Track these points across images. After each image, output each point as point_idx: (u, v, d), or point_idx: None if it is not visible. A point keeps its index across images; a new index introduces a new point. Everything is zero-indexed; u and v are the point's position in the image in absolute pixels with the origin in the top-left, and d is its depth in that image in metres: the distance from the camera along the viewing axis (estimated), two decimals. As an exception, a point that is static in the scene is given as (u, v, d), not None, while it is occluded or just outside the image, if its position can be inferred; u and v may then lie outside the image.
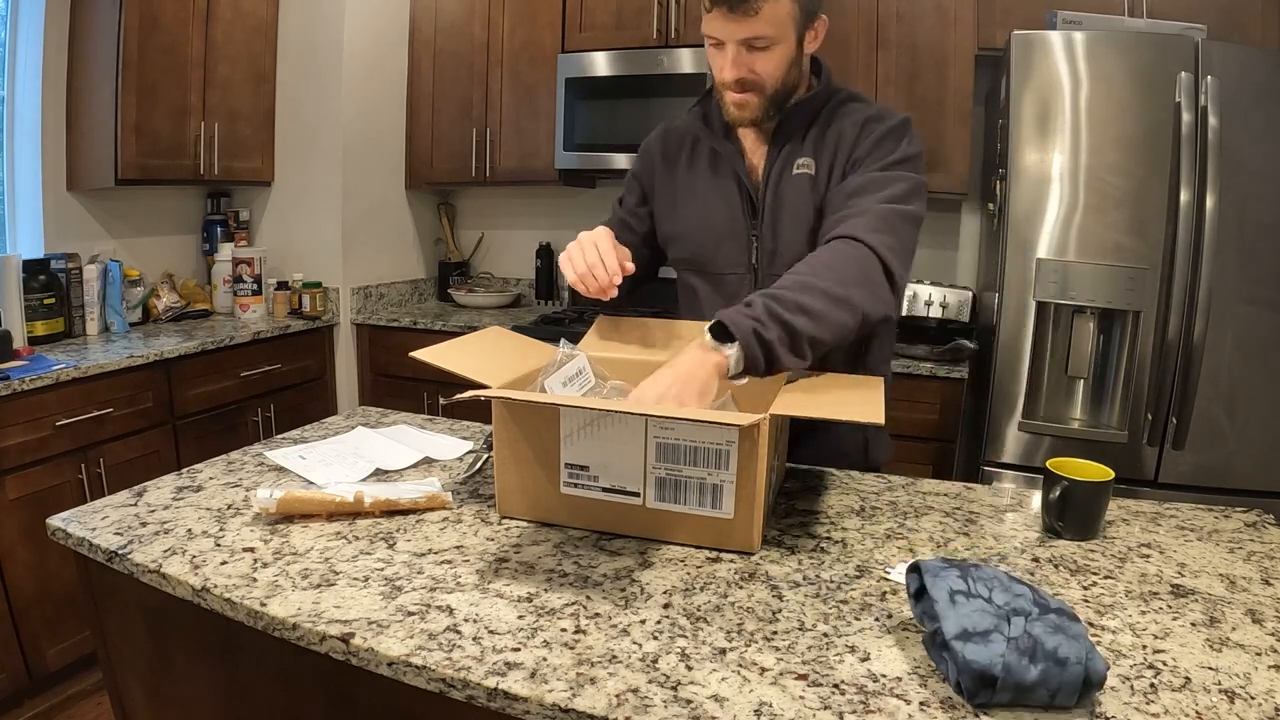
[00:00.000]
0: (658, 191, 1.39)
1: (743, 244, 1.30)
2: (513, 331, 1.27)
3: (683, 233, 1.36)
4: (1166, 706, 0.69)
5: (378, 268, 3.25)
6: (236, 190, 3.16)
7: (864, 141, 1.21)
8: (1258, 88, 1.93)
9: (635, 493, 0.98)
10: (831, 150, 1.24)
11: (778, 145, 1.27)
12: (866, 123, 1.23)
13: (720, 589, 0.89)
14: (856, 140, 1.22)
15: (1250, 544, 1.04)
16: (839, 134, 1.24)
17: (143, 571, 0.92)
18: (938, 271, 2.86)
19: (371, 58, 3.07)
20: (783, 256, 1.26)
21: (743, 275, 1.31)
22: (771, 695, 0.70)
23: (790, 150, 1.26)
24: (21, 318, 2.26)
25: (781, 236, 1.27)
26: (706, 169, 1.33)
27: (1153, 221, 1.99)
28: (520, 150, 3.08)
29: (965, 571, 0.75)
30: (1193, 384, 1.99)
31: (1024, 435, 2.14)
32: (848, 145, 1.23)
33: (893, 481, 1.25)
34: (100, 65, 2.49)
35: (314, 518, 1.05)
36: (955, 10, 2.48)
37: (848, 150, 1.22)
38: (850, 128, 1.24)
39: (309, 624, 0.80)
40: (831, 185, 1.23)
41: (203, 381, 2.50)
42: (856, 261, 1.09)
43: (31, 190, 2.54)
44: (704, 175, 1.33)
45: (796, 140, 1.26)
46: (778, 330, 1.00)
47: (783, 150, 1.27)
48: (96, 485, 2.16)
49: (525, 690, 0.70)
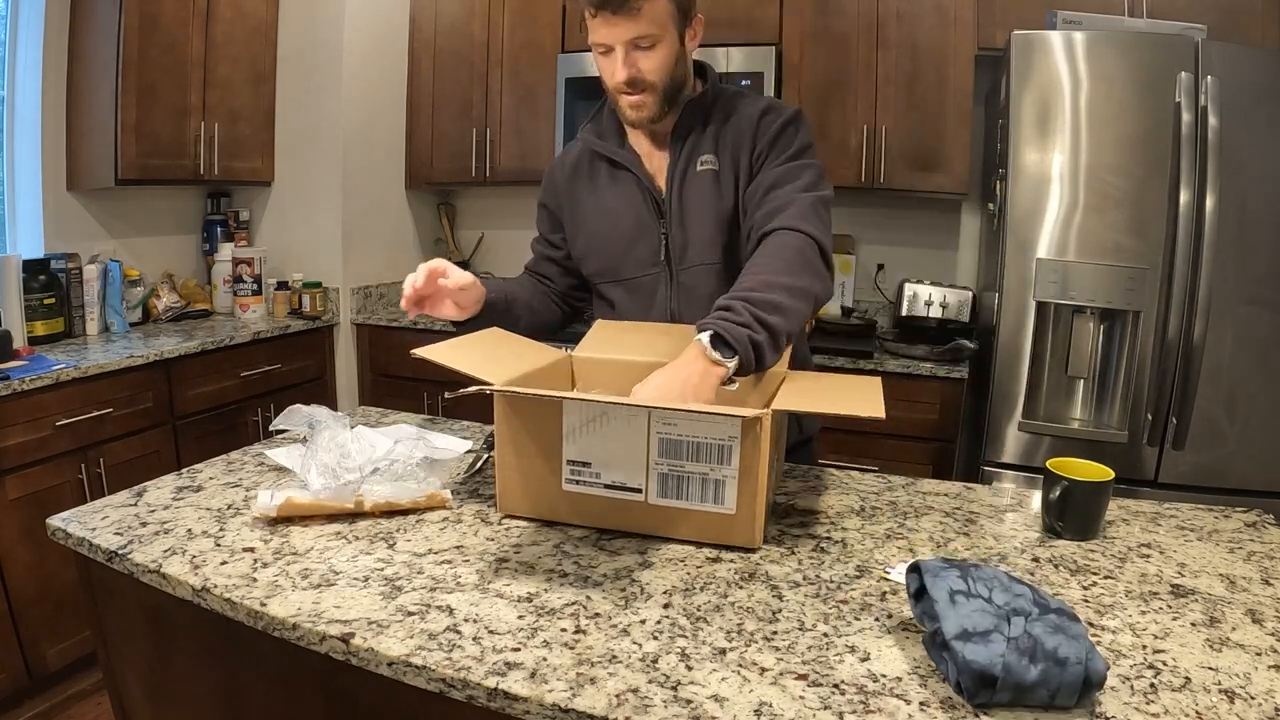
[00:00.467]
0: (565, 214, 1.43)
1: (653, 244, 1.33)
2: (512, 332, 1.27)
3: (594, 245, 1.39)
4: (1166, 706, 0.69)
5: (378, 268, 3.25)
6: (236, 190, 3.16)
7: (764, 135, 1.27)
8: (1258, 88, 1.93)
9: (637, 489, 0.98)
10: (732, 144, 1.29)
11: (678, 143, 1.31)
12: (763, 116, 1.28)
13: (720, 589, 0.89)
14: (756, 133, 1.27)
15: (1250, 544, 1.04)
16: (737, 128, 1.29)
17: (143, 571, 0.92)
18: (938, 271, 2.86)
19: (371, 58, 3.07)
20: (693, 250, 1.31)
21: (657, 274, 1.34)
22: (771, 695, 0.70)
23: (691, 147, 1.31)
24: (21, 318, 2.26)
25: (690, 231, 1.30)
26: (607, 181, 1.37)
27: (1153, 221, 1.99)
28: (520, 150, 3.08)
29: (965, 571, 0.75)
30: (1193, 384, 1.99)
31: (1024, 435, 2.14)
32: (749, 138, 1.28)
33: (893, 481, 1.25)
34: (100, 65, 2.49)
35: (314, 518, 1.05)
36: (955, 10, 2.48)
37: (749, 143, 1.28)
38: (747, 122, 1.29)
39: (309, 624, 0.80)
40: (740, 178, 1.28)
41: (203, 381, 2.50)
42: (799, 251, 1.14)
43: (31, 190, 2.54)
44: (605, 187, 1.37)
45: (696, 136, 1.31)
46: (764, 333, 1.02)
47: (684, 148, 1.31)
48: (96, 485, 2.16)
49: (525, 690, 0.70)
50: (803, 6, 2.63)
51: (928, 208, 2.84)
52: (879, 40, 2.56)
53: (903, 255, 2.93)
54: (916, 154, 2.57)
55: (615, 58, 1.21)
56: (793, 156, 1.25)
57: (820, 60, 2.63)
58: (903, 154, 2.58)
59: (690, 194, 1.30)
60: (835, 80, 2.62)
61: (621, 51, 1.20)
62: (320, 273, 3.07)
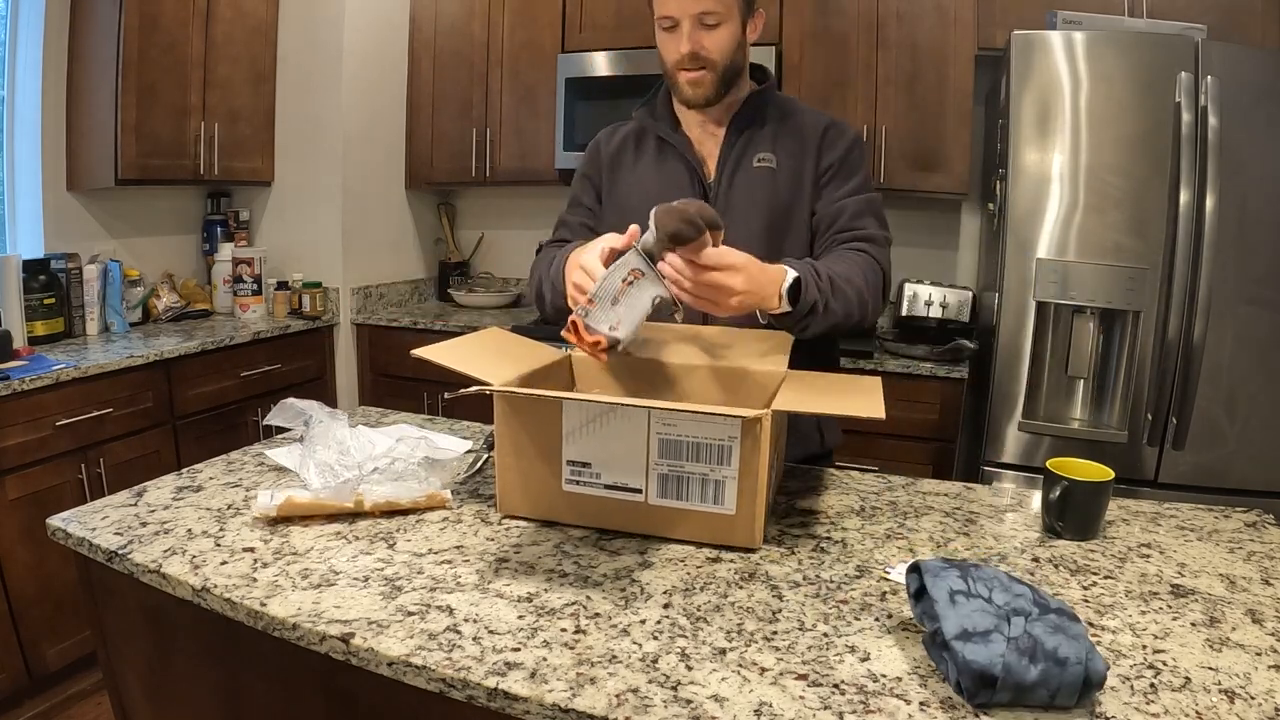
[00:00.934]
0: (606, 186, 1.42)
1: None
2: (511, 332, 1.27)
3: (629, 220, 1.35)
4: (1166, 706, 0.69)
5: (378, 268, 3.25)
6: (236, 190, 3.16)
7: (831, 149, 1.32)
8: (1258, 88, 1.93)
9: (637, 489, 0.98)
10: (794, 148, 1.32)
11: (734, 135, 1.33)
12: (828, 129, 1.33)
13: (720, 589, 0.89)
14: (822, 144, 1.33)
15: (1250, 544, 1.04)
16: (799, 134, 1.33)
17: (143, 571, 0.92)
18: (938, 271, 2.86)
19: (371, 57, 3.08)
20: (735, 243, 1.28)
21: None
22: (771, 695, 0.70)
23: (747, 141, 1.33)
24: (21, 318, 2.26)
25: (736, 222, 1.29)
26: (654, 159, 1.38)
27: (1153, 221, 1.99)
28: (520, 150, 3.08)
29: (965, 571, 0.75)
30: (1193, 384, 1.99)
31: (1024, 435, 2.14)
32: (814, 147, 1.32)
33: (893, 481, 1.25)
34: (100, 65, 2.49)
35: (314, 518, 1.05)
36: (955, 10, 2.48)
37: (814, 152, 1.32)
38: (810, 130, 1.33)
39: (309, 624, 0.80)
40: (805, 182, 1.32)
41: (203, 381, 2.50)
42: (877, 276, 1.25)
43: (31, 190, 2.54)
44: (651, 165, 1.38)
45: (753, 132, 1.34)
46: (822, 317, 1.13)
47: (739, 140, 1.33)
48: (96, 485, 2.16)
49: (525, 690, 0.70)
50: (803, 6, 2.63)
51: (928, 208, 2.84)
52: (879, 40, 2.56)
53: (903, 255, 2.92)
54: (916, 154, 2.57)
55: (680, 33, 1.24)
56: (865, 184, 1.33)
57: (820, 60, 2.63)
58: (903, 154, 2.58)
59: (742, 187, 1.32)
60: (835, 80, 2.62)
61: (688, 25, 1.23)
62: (320, 273, 3.07)
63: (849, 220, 1.30)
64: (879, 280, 1.25)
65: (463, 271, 3.54)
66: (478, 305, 3.30)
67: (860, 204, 1.30)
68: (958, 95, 2.51)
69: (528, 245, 3.45)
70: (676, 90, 1.31)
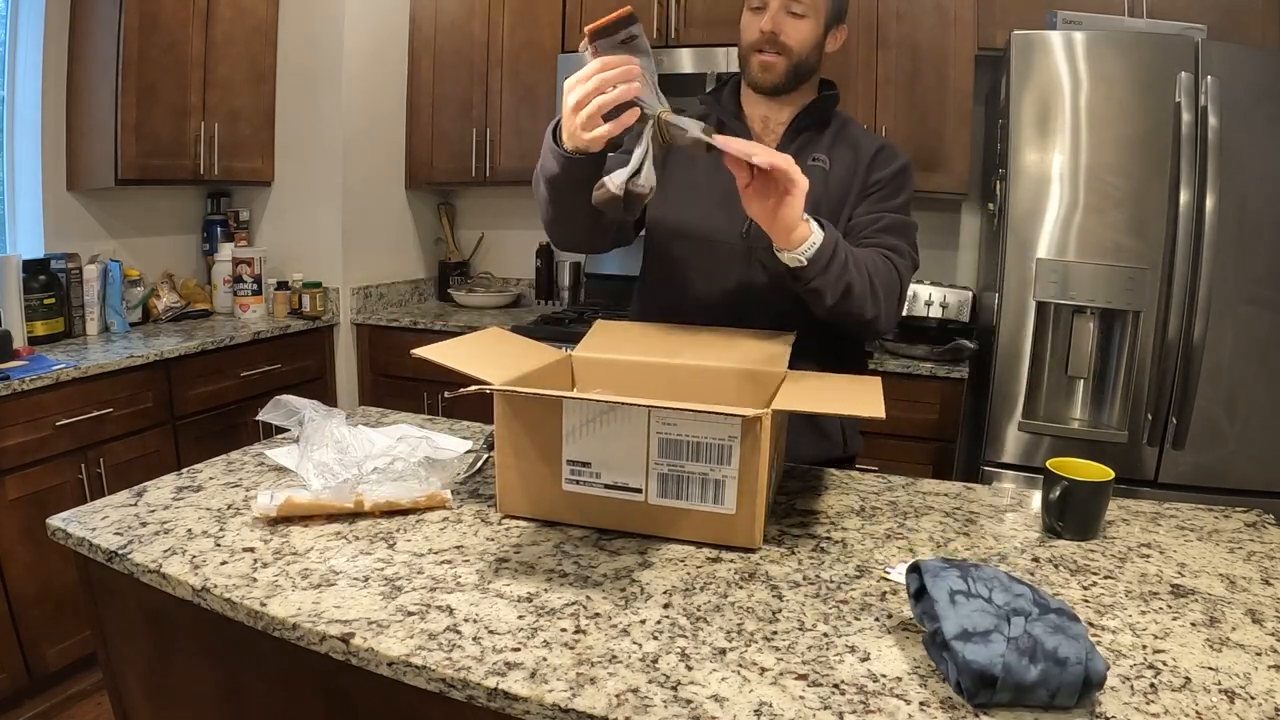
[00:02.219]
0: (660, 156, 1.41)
1: (737, 215, 1.29)
2: (511, 332, 1.27)
3: (676, 195, 1.36)
4: (1166, 706, 0.69)
5: (378, 268, 3.25)
6: (236, 190, 3.16)
7: (881, 167, 1.34)
8: (1258, 88, 1.93)
9: (637, 489, 0.98)
10: (848, 157, 1.35)
11: (793, 134, 1.35)
12: (880, 150, 1.36)
13: (720, 589, 0.89)
14: (874, 161, 1.35)
15: (1250, 544, 1.04)
16: (855, 145, 1.36)
17: (143, 571, 0.92)
18: (938, 271, 2.86)
19: (371, 57, 3.07)
20: None
21: (733, 245, 1.34)
22: (771, 695, 0.70)
23: (805, 141, 1.35)
24: (21, 318, 2.26)
25: None
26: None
27: (1153, 221, 1.99)
28: (520, 150, 3.08)
29: (965, 571, 0.75)
30: (1193, 384, 1.99)
31: (1024, 435, 2.14)
32: (866, 161, 1.35)
33: (893, 481, 1.25)
34: (100, 65, 2.49)
35: (314, 518, 1.05)
36: (955, 10, 2.48)
37: (865, 166, 1.34)
38: (866, 146, 1.36)
39: (309, 624, 0.80)
40: (853, 191, 1.34)
41: (203, 381, 2.50)
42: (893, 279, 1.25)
43: (31, 190, 2.54)
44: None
45: (811, 134, 1.36)
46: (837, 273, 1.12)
47: (798, 139, 1.35)
48: (96, 485, 2.16)
49: (525, 690, 0.70)
50: (803, 6, 2.63)
51: (928, 208, 2.83)
52: (879, 40, 2.56)
53: (903, 255, 2.93)
54: (916, 154, 2.56)
55: (766, 11, 1.27)
56: (904, 206, 1.34)
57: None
58: (903, 154, 2.58)
59: None
60: (835, 80, 2.61)
61: (775, 7, 1.27)
62: (320, 273, 3.07)
63: (881, 229, 1.30)
64: (895, 283, 1.24)
65: (463, 271, 3.54)
66: (478, 305, 3.30)
67: (897, 221, 1.31)
68: (958, 95, 2.51)
69: (528, 245, 3.45)
70: (747, 72, 1.32)
